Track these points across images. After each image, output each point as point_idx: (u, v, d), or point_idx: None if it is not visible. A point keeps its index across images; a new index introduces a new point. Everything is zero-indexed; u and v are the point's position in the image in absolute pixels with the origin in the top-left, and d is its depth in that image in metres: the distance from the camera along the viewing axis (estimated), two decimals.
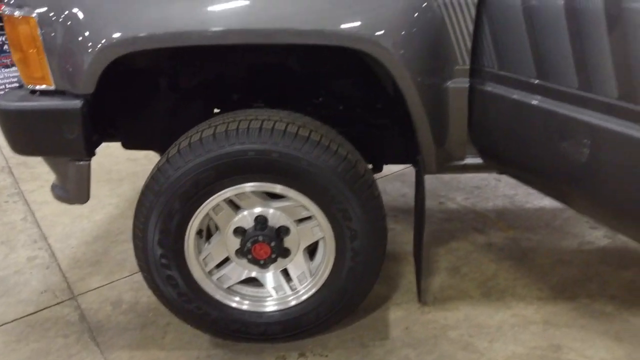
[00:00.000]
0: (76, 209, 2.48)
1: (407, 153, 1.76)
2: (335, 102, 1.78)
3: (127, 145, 1.77)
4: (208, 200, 1.35)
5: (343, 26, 1.19)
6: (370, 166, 1.89)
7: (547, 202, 2.38)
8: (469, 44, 1.25)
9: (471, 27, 1.23)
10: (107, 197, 2.56)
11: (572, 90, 1.04)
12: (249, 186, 1.34)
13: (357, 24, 1.18)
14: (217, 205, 1.38)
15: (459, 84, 1.30)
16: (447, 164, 1.45)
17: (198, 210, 1.36)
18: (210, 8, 1.22)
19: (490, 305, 1.72)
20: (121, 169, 2.90)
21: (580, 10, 0.98)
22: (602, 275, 1.84)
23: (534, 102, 1.13)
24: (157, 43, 1.22)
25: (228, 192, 1.35)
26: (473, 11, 1.21)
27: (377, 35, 1.19)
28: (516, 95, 1.17)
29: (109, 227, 2.29)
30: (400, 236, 2.17)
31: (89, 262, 2.03)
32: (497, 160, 1.38)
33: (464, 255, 2.01)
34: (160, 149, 1.82)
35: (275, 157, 1.28)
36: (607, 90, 0.97)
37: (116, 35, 1.20)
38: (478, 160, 1.44)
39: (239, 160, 1.29)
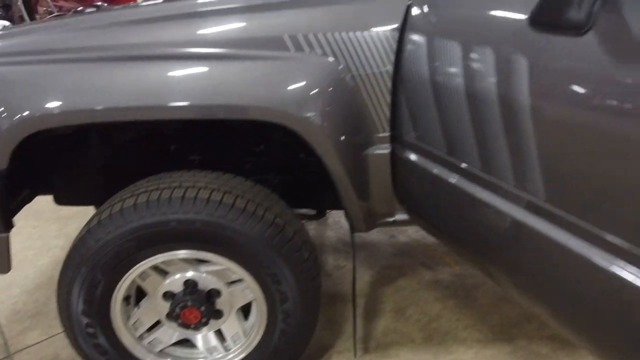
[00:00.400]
0: (22, 252, 2.42)
1: None
2: (276, 150, 1.77)
3: (61, 201, 1.72)
4: (132, 269, 1.32)
5: (254, 101, 1.18)
6: (313, 211, 1.91)
7: None
8: (388, 113, 1.26)
9: (389, 98, 1.24)
10: (53, 239, 2.50)
11: (477, 171, 1.05)
12: (179, 254, 1.32)
13: (272, 98, 1.18)
14: (144, 272, 1.36)
15: (380, 150, 1.30)
16: (377, 221, 1.45)
17: (123, 279, 1.33)
18: (128, 85, 1.21)
19: (431, 350, 1.73)
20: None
21: (478, 94, 1.00)
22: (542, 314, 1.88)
23: (451, 180, 1.14)
24: (68, 120, 1.20)
25: (155, 260, 1.33)
26: (389, 83, 1.22)
27: (293, 110, 1.18)
28: (436, 170, 1.18)
29: (53, 273, 2.23)
30: (351, 275, 2.18)
31: (29, 314, 1.98)
32: (423, 224, 1.40)
33: (410, 295, 2.03)
34: (98, 204, 1.78)
35: (198, 227, 1.27)
36: (505, 177, 0.98)
37: (25, 114, 1.17)
38: (407, 217, 1.45)
39: (160, 230, 1.27)
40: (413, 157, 1.26)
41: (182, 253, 1.33)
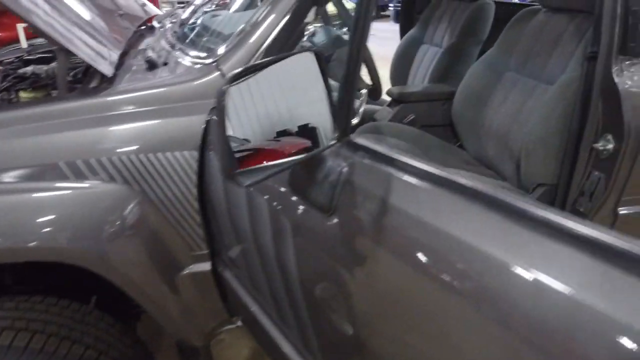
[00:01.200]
0: None
1: None
2: None
3: None
4: None
5: (23, 242, 1.01)
6: None
7: None
8: (201, 232, 1.15)
9: (198, 218, 1.13)
10: None
11: (275, 316, 0.97)
12: None
13: (47, 237, 1.02)
14: None
15: (199, 268, 1.20)
16: (214, 332, 1.34)
17: None
18: None
19: None
20: None
21: (260, 241, 0.91)
22: None
23: (257, 315, 1.05)
24: None
25: None
26: (195, 204, 1.11)
27: (76, 249, 1.03)
28: (244, 297, 1.09)
29: None
30: (228, 349, 2.05)
31: None
32: None
33: None
34: None
35: None
36: (294, 333, 0.91)
37: None
38: None
39: None
40: (230, 276, 1.16)
41: None
